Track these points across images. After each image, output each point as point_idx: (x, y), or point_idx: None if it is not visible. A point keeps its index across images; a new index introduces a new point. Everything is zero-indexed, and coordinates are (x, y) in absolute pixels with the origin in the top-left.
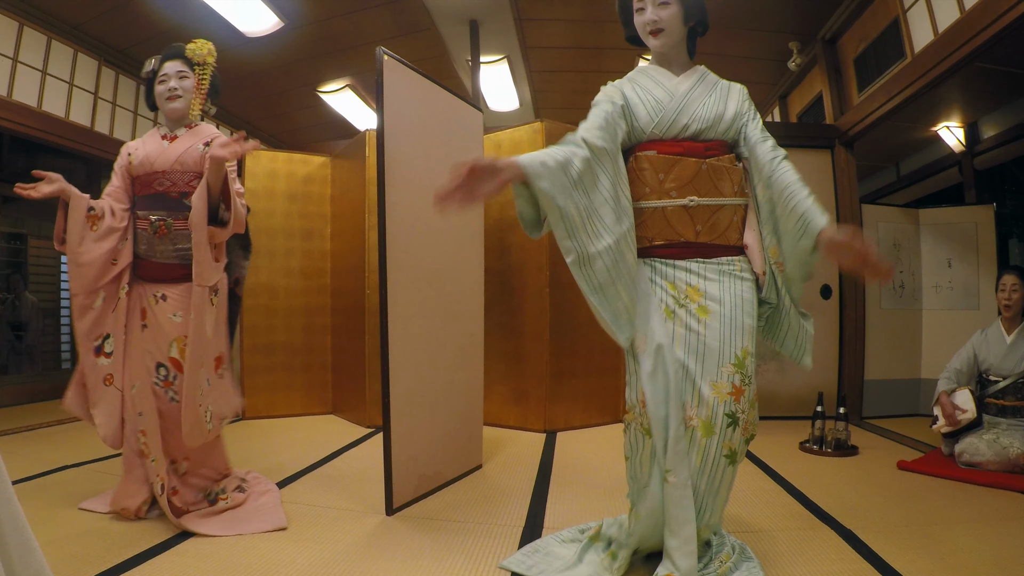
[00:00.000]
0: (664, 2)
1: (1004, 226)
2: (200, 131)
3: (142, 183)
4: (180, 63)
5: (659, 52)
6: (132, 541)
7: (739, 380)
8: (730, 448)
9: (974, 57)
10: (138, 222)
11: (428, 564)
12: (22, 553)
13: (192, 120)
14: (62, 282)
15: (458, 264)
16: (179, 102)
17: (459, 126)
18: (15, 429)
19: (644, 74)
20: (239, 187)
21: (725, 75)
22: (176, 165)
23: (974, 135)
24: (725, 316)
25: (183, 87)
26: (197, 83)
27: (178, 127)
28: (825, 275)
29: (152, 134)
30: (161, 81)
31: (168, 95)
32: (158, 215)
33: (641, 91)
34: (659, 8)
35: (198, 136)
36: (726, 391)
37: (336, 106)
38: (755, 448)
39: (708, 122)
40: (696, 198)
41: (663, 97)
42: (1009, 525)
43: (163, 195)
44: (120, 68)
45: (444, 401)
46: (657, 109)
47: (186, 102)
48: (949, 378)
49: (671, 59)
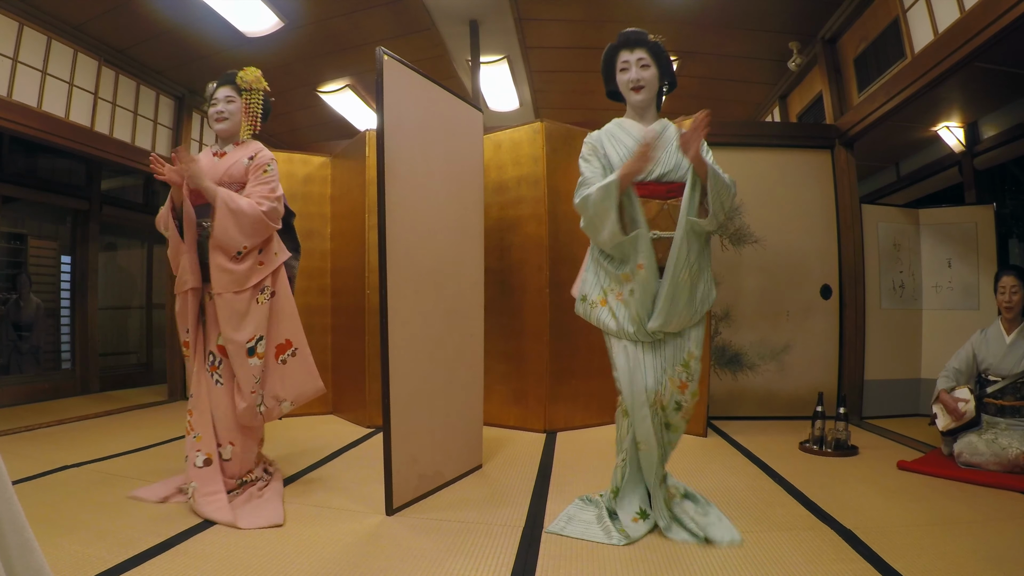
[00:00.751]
0: (646, 64)
1: (1004, 226)
2: (246, 147)
3: (196, 194)
4: (229, 89)
5: (637, 105)
6: (132, 541)
7: (685, 377)
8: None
9: (974, 57)
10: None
11: (428, 564)
12: (22, 553)
13: (241, 138)
14: (62, 283)
15: (458, 264)
16: (224, 124)
17: (459, 126)
18: (15, 429)
19: (619, 127)
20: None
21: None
22: (224, 177)
23: (974, 135)
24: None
25: (229, 111)
26: (245, 107)
27: (227, 145)
28: (825, 275)
29: (206, 152)
30: (212, 104)
31: (216, 117)
32: (208, 222)
33: (616, 143)
34: (642, 69)
35: (244, 151)
36: (676, 385)
37: (336, 106)
38: (755, 448)
39: (669, 167)
40: (658, 232)
41: (633, 147)
42: (1009, 525)
43: (210, 205)
44: (120, 68)
45: (444, 401)
46: (628, 158)
47: (231, 123)
48: (948, 377)
49: (644, 112)
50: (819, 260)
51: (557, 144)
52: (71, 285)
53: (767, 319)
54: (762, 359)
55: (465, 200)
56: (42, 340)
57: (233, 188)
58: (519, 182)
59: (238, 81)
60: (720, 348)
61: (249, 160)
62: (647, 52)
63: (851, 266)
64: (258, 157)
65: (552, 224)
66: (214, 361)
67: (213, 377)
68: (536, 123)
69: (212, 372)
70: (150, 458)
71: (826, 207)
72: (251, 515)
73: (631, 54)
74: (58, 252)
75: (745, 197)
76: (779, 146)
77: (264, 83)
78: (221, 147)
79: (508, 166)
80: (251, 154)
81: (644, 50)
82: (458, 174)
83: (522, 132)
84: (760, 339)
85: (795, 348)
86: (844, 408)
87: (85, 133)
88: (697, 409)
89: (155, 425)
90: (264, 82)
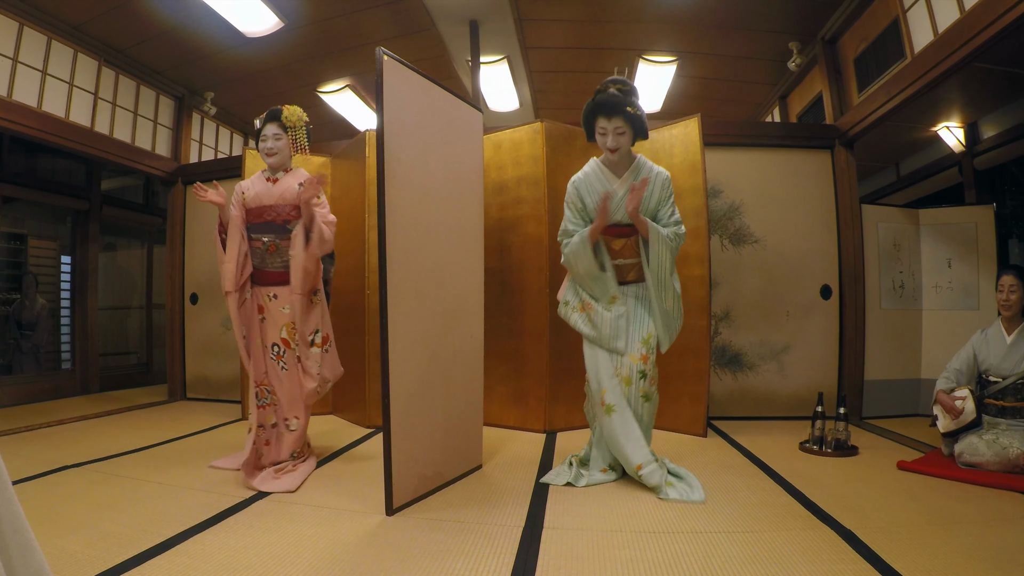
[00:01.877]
0: (621, 132)
1: (1004, 226)
2: (296, 174)
3: (254, 214)
4: (275, 126)
5: (611, 159)
6: (132, 541)
7: (646, 350)
8: (644, 391)
9: (974, 57)
10: (252, 243)
11: (428, 564)
12: (22, 553)
13: (289, 165)
14: (62, 283)
15: (458, 264)
16: (274, 158)
17: (459, 126)
18: (15, 429)
19: (595, 175)
20: (331, 217)
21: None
22: (279, 200)
23: (974, 135)
24: (634, 313)
25: (277, 147)
26: (291, 142)
27: (277, 172)
28: (825, 275)
29: (259, 177)
30: (262, 140)
31: (267, 152)
32: (269, 237)
33: (591, 192)
34: (619, 136)
35: (295, 178)
36: (637, 358)
37: (336, 106)
38: (755, 448)
39: None
40: (623, 260)
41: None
42: (1009, 525)
43: (271, 223)
44: (120, 68)
45: (444, 401)
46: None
47: (280, 158)
48: (948, 378)
49: (618, 161)
50: (819, 260)
51: (557, 144)
52: (71, 285)
53: (767, 319)
54: (762, 359)
55: (465, 200)
56: (44, 340)
57: (286, 210)
58: (519, 182)
59: (283, 120)
60: (720, 348)
61: (299, 186)
62: (623, 121)
63: (851, 266)
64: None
65: (552, 224)
66: (279, 351)
67: (279, 364)
68: (536, 123)
69: (278, 360)
70: (150, 458)
71: (826, 207)
72: (273, 482)
73: (608, 122)
74: (58, 252)
75: (745, 197)
76: (779, 146)
77: (305, 117)
78: (273, 173)
79: (508, 166)
80: (300, 180)
81: (621, 119)
82: (458, 174)
83: (522, 132)
84: (760, 339)
85: (795, 348)
86: (844, 408)
87: (85, 133)
88: (697, 409)
89: (155, 425)
90: (306, 117)
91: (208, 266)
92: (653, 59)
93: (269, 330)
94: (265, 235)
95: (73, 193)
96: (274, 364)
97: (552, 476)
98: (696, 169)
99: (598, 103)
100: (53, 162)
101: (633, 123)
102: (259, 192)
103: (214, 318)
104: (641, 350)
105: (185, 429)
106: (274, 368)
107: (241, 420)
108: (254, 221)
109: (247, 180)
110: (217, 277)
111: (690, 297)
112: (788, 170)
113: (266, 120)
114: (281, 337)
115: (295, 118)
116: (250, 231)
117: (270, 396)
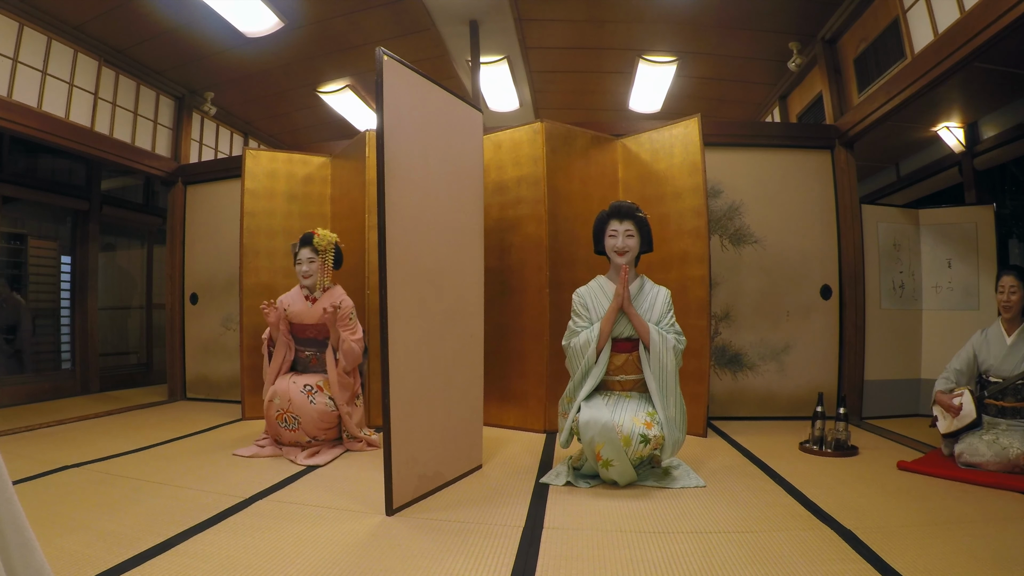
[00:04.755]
0: (631, 235)
1: (1004, 226)
2: (332, 294)
3: (298, 329)
4: (309, 251)
5: (619, 265)
6: (132, 541)
7: (650, 419)
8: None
9: (974, 57)
10: (299, 352)
11: (428, 564)
12: (22, 553)
13: (324, 284)
14: (62, 283)
15: (458, 264)
16: (310, 279)
17: (459, 126)
18: (15, 429)
19: (600, 290)
20: (358, 334)
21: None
22: (320, 320)
23: (974, 135)
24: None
25: (312, 269)
26: (321, 265)
27: (315, 291)
28: (825, 275)
29: (297, 294)
30: (297, 263)
31: (303, 275)
32: (311, 351)
33: (597, 303)
34: (628, 239)
35: (330, 298)
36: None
37: (336, 106)
38: (755, 448)
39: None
40: (624, 376)
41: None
42: (1009, 525)
43: (313, 339)
44: (120, 68)
45: (444, 401)
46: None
47: (314, 279)
48: (948, 378)
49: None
50: (819, 260)
51: (557, 144)
52: (71, 285)
53: (767, 319)
54: (762, 359)
55: (465, 200)
56: (28, 340)
57: (325, 329)
58: (519, 182)
59: (315, 243)
60: (720, 348)
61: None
62: (633, 224)
63: (851, 266)
64: (343, 306)
65: (552, 224)
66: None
67: (308, 398)
68: (536, 123)
69: (308, 396)
70: (150, 458)
71: (826, 207)
72: (310, 459)
73: (620, 224)
74: (58, 252)
75: (745, 197)
76: (779, 146)
77: (335, 238)
78: (311, 292)
79: (508, 166)
80: (336, 302)
81: (631, 222)
82: (458, 174)
83: (522, 132)
84: (760, 339)
85: (795, 348)
86: (844, 408)
87: (85, 133)
88: (697, 409)
89: (155, 425)
90: (336, 238)
91: (208, 266)
92: (653, 59)
93: (303, 381)
94: (308, 348)
95: (73, 193)
96: (302, 396)
97: (552, 476)
98: (696, 169)
99: (613, 208)
100: (53, 162)
101: (641, 229)
102: (300, 311)
103: (214, 318)
104: (645, 418)
105: (185, 429)
106: (302, 399)
107: (241, 420)
108: (299, 335)
109: (286, 295)
110: (217, 277)
111: (690, 297)
112: (788, 170)
113: (300, 244)
114: (317, 384)
115: (325, 243)
116: (296, 342)
117: (296, 421)
